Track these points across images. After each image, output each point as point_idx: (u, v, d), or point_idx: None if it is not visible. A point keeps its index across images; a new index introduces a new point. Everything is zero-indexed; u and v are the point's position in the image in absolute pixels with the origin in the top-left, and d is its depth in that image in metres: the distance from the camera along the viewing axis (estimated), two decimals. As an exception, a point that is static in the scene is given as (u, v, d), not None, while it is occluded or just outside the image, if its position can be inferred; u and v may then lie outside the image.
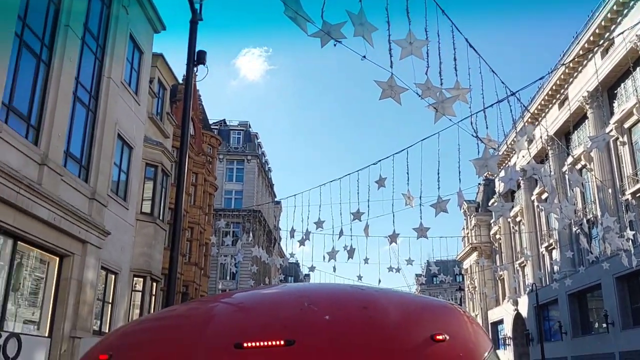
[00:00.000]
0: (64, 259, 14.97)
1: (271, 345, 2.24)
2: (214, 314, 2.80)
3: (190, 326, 2.68)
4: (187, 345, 2.46)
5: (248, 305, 2.81)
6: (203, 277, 36.49)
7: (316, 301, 2.60)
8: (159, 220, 21.24)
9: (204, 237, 36.36)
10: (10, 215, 12.20)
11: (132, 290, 19.56)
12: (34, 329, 14.11)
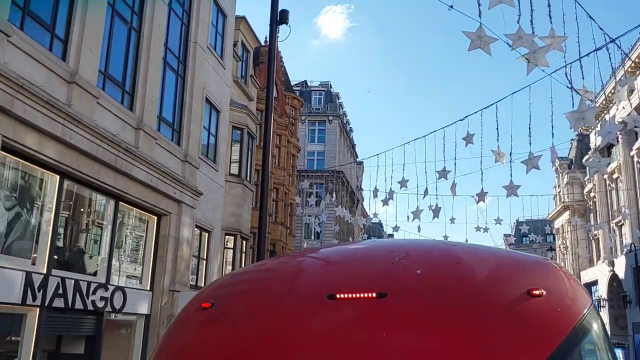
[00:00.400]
0: (161, 218, 15.90)
1: (363, 297, 2.28)
2: (308, 266, 2.89)
3: (284, 277, 2.79)
4: (282, 295, 2.57)
5: (339, 259, 2.87)
6: (289, 236, 37.52)
7: (407, 256, 2.60)
8: (246, 181, 21.92)
9: (289, 197, 37.20)
10: (111, 177, 13.05)
11: (224, 248, 20.49)
12: (136, 283, 15.19)
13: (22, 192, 11.39)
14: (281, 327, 2.36)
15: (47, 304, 11.11)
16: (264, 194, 9.28)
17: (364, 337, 2.17)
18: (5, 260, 10.28)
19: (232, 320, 2.50)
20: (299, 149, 42.65)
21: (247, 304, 2.58)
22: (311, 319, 2.32)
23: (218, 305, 2.59)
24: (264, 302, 2.52)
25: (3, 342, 11.84)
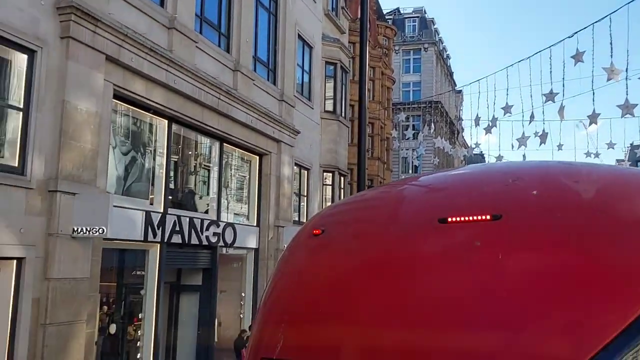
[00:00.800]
0: (262, 157, 16.41)
1: (477, 220, 2.20)
2: (416, 191, 2.84)
3: (394, 203, 2.76)
4: (392, 220, 2.55)
5: (449, 183, 2.79)
6: (386, 170, 37.44)
7: (521, 177, 2.47)
8: (342, 117, 21.91)
9: (385, 131, 36.84)
10: (214, 120, 13.55)
11: (322, 185, 20.88)
12: (244, 219, 15.97)
13: (135, 138, 12.16)
14: (392, 253, 2.36)
15: (166, 240, 12.00)
16: (361, 129, 9.23)
17: (478, 260, 2.12)
18: (127, 201, 11.14)
19: (344, 246, 2.54)
20: (394, 80, 41.69)
21: (357, 230, 2.60)
22: (422, 244, 2.30)
23: (329, 232, 2.63)
24: (374, 228, 2.52)
25: (130, 276, 13.04)
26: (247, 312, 15.68)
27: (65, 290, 8.90)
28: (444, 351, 1.98)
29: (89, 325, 9.53)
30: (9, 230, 8.17)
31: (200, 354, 13.62)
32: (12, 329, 8.28)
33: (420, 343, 2.05)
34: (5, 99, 8.61)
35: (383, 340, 2.17)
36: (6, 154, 8.60)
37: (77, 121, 9.26)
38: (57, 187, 8.81)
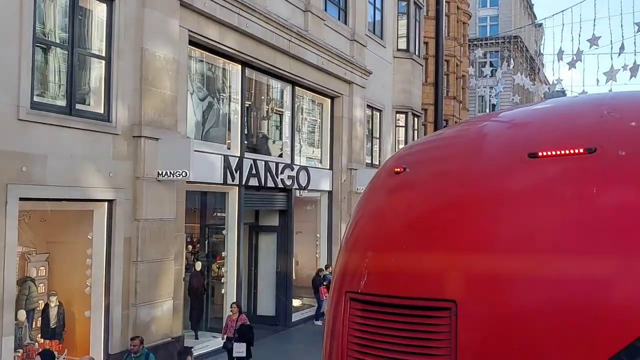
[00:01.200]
0: (334, 100, 16.32)
1: (569, 153, 2.11)
2: (502, 126, 2.74)
3: (478, 139, 2.68)
4: (477, 156, 2.48)
5: (537, 116, 2.67)
6: (462, 110, 36.33)
7: (618, 108, 2.33)
8: (415, 55, 21.26)
9: (461, 69, 35.51)
10: (286, 63, 13.54)
11: (395, 126, 20.58)
12: (317, 162, 16.12)
13: (211, 84, 12.40)
14: (477, 190, 2.31)
15: (244, 183, 12.36)
16: (438, 66, 8.93)
17: (570, 196, 2.05)
18: (206, 145, 11.50)
19: (427, 183, 2.52)
20: (470, 15, 39.72)
21: (440, 167, 2.56)
22: (511, 180, 2.24)
23: (411, 169, 2.60)
24: (458, 165, 2.47)
25: (211, 217, 13.63)
26: (322, 252, 16.08)
27: (153, 230, 9.44)
28: (535, 278, 1.97)
29: (176, 263, 10.12)
30: (100, 174, 8.68)
31: (280, 290, 14.20)
32: (107, 266, 8.94)
33: (509, 272, 2.04)
34: (88, 48, 8.96)
35: (467, 271, 2.16)
36: (92, 102, 9.03)
37: (156, 68, 9.53)
38: (141, 133, 9.21)
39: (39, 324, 9.20)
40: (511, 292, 2.04)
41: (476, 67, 32.99)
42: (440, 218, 2.37)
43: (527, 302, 2.00)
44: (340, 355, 2.50)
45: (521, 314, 2.00)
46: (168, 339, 9.78)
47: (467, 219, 2.27)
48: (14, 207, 7.44)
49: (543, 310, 1.95)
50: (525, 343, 1.95)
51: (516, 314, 2.01)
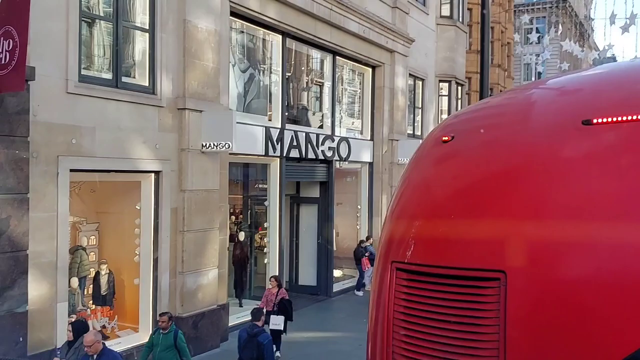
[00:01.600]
0: (375, 69, 16.10)
1: (626, 120, 2.03)
2: (554, 93, 2.65)
3: (528, 107, 2.61)
4: (527, 124, 2.42)
5: (591, 82, 2.57)
6: (507, 79, 35.34)
7: None
8: (459, 22, 20.69)
9: (506, 36, 34.41)
10: (327, 32, 13.39)
11: (438, 96, 20.20)
12: (357, 134, 16.03)
13: (252, 55, 12.40)
14: (528, 158, 2.26)
15: (285, 155, 12.43)
16: (484, 33, 8.66)
17: (627, 163, 1.98)
18: (248, 117, 11.57)
19: (476, 151, 2.47)
20: (515, -20, 38.32)
21: (489, 135, 2.50)
22: (564, 147, 2.17)
23: (458, 138, 2.56)
24: (508, 133, 2.42)
25: (253, 188, 13.80)
26: (363, 224, 16.10)
27: (198, 200, 9.63)
28: (590, 247, 1.93)
29: (221, 233, 10.33)
30: (146, 146, 8.87)
31: (321, 261, 14.35)
32: (155, 236, 9.20)
33: (561, 241, 2.00)
34: (132, 21, 9.07)
35: (517, 241, 2.13)
36: (137, 75, 9.18)
37: (198, 40, 9.59)
38: (185, 105, 9.33)
39: (90, 291, 9.59)
40: (563, 262, 2.00)
41: (522, 33, 31.88)
42: (490, 187, 2.32)
43: (580, 271, 1.96)
44: (386, 325, 2.52)
45: (574, 284, 1.96)
46: (214, 306, 10.05)
47: (517, 188, 2.22)
48: (65, 178, 7.70)
49: (597, 279, 1.91)
50: (578, 314, 1.92)
51: (568, 283, 1.98)
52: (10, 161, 6.80)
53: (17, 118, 6.87)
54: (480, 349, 2.14)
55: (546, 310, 2.00)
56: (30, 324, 7.13)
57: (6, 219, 6.78)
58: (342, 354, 9.67)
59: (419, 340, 2.34)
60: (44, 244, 7.41)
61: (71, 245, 8.71)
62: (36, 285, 7.29)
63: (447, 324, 2.25)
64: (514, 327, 2.07)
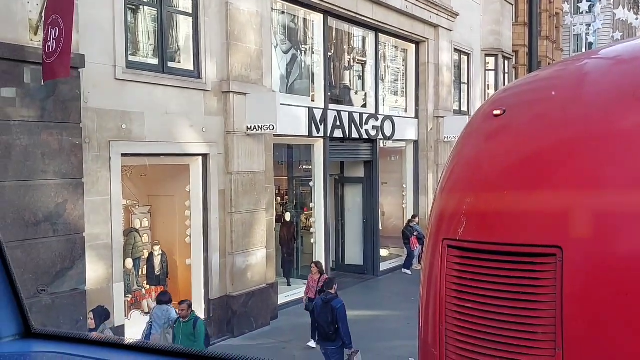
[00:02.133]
0: (419, 45, 15.82)
1: None
2: (608, 63, 2.54)
3: (583, 78, 2.51)
4: (583, 96, 2.33)
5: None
6: (556, 51, 34.13)
7: None
8: (505, -7, 20.04)
9: (554, 7, 33.14)
10: (369, 9, 13.20)
11: (484, 70, 19.71)
12: (401, 112, 15.83)
13: (293, 36, 12.37)
14: (582, 130, 2.18)
15: (329, 135, 12.42)
16: (532, 4, 8.35)
17: None
18: (291, 99, 11.60)
19: (527, 126, 2.40)
20: (565, -53, 36.69)
21: (541, 108, 2.43)
22: (620, 119, 2.09)
23: (510, 112, 2.49)
24: (561, 105, 2.33)
25: (298, 169, 13.88)
26: (409, 203, 15.98)
27: (244, 182, 9.77)
28: None
29: (268, 214, 10.46)
30: (193, 129, 9.03)
31: (367, 240, 14.36)
32: (204, 217, 9.40)
33: (620, 214, 1.94)
34: (176, 6, 9.18)
35: (573, 215, 2.07)
36: (182, 59, 9.31)
37: (240, 22, 9.63)
38: (230, 88, 9.42)
39: (144, 271, 9.92)
40: (624, 235, 1.94)
41: (571, 3, 30.63)
42: (544, 161, 2.26)
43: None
44: (438, 303, 2.50)
45: (634, 258, 1.90)
46: (263, 285, 10.24)
47: (574, 161, 2.15)
48: (117, 162, 7.93)
49: None
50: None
51: (629, 257, 1.91)
52: (65, 147, 7.05)
53: (70, 105, 7.10)
54: (537, 325, 2.11)
55: (606, 285, 1.94)
56: (89, 304, 7.44)
57: (63, 203, 7.04)
58: (390, 332, 9.70)
59: (472, 318, 2.32)
60: (99, 227, 7.69)
61: (125, 227, 9.00)
62: (93, 266, 7.59)
63: (501, 301, 2.21)
64: (572, 304, 2.02)
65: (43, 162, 6.77)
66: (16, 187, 6.52)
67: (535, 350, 2.10)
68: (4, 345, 1.01)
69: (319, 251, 12.33)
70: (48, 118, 6.82)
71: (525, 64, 24.47)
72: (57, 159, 6.95)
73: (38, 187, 6.73)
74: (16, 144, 6.52)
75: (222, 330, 9.61)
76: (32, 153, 6.67)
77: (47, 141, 6.81)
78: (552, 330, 2.05)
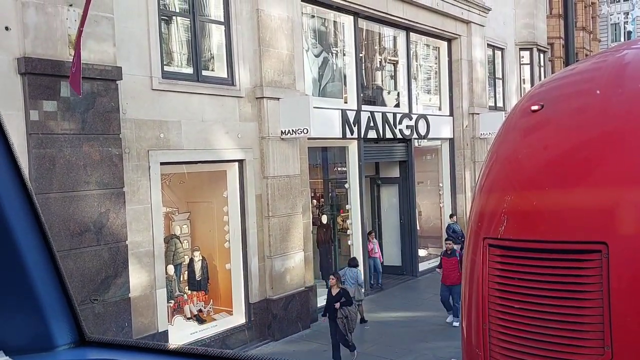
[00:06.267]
0: (451, 42, 15.64)
1: None
2: None
3: (623, 70, 2.44)
4: (624, 89, 2.27)
5: None
6: (593, 41, 33.26)
7: None
8: (539, -15, 19.66)
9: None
10: (399, 9, 13.14)
11: (519, 64, 19.36)
12: (436, 110, 15.68)
13: (324, 39, 12.40)
14: (625, 124, 2.12)
15: (363, 136, 12.39)
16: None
17: None
18: (324, 101, 11.63)
19: (567, 121, 2.35)
20: None
21: (581, 102, 2.37)
22: None
23: (548, 107, 2.44)
24: (602, 98, 2.28)
25: (333, 171, 13.87)
26: (446, 202, 15.80)
27: (281, 186, 9.84)
28: None
29: (304, 217, 10.51)
30: (229, 136, 9.15)
31: (405, 241, 14.26)
32: (242, 222, 9.50)
33: None
34: (208, 15, 9.32)
35: (619, 210, 2.02)
36: (216, 67, 9.45)
37: (272, 28, 9.71)
38: (263, 94, 9.51)
39: (185, 277, 10.07)
40: None
41: (609, -9, 29.79)
42: (586, 155, 2.21)
43: None
44: (482, 303, 2.47)
45: None
46: (302, 288, 10.28)
47: (616, 155, 2.10)
48: (156, 171, 8.10)
49: None
50: None
51: None
52: (105, 158, 7.24)
53: (109, 116, 7.29)
54: (584, 323, 2.06)
55: None
56: (134, 310, 7.61)
57: (105, 212, 7.23)
58: (431, 333, 9.61)
59: (516, 317, 2.28)
60: (140, 235, 7.86)
61: (165, 234, 9.16)
62: (136, 273, 7.76)
63: (546, 299, 2.17)
64: (619, 301, 1.97)
65: (85, 173, 6.97)
66: (61, 198, 6.73)
67: (583, 349, 2.06)
68: (61, 354, 1.05)
69: (357, 253, 12.30)
70: (89, 130, 7.02)
71: (561, 57, 23.93)
72: (98, 169, 7.14)
73: (81, 198, 6.93)
74: (59, 156, 6.73)
75: (262, 334, 9.69)
76: (75, 164, 6.87)
77: (88, 152, 7.01)
78: (600, 329, 2.01)
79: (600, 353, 2.00)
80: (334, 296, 8.85)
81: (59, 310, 1.07)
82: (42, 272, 1.05)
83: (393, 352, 9.06)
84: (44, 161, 6.60)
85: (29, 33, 6.52)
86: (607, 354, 1.98)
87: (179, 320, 9.23)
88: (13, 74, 6.46)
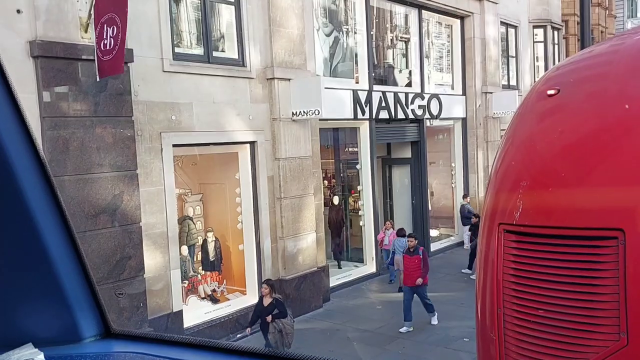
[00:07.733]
0: (464, 20, 15.43)
1: None
2: None
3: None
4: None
5: None
6: (608, 18, 32.63)
7: None
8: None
9: (607, -30, 31.62)
10: (411, -13, 12.96)
11: (533, 42, 19.07)
12: (448, 89, 15.53)
13: (335, 18, 12.26)
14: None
15: (374, 117, 12.33)
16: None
17: None
18: (335, 82, 11.55)
19: (585, 106, 2.31)
20: None
21: (600, 86, 2.33)
22: None
23: (565, 91, 2.40)
24: (622, 82, 2.24)
25: (344, 152, 13.86)
26: (458, 182, 15.74)
27: (292, 167, 9.85)
28: None
29: (316, 198, 10.53)
30: (240, 118, 9.14)
31: (417, 221, 14.26)
32: (254, 203, 9.55)
33: None
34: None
35: (636, 195, 2.00)
36: (226, 48, 9.41)
37: (282, 8, 9.63)
38: (274, 75, 9.47)
39: (199, 257, 10.17)
40: None
41: (626, -35, 29.09)
42: (602, 141, 2.18)
43: None
44: (496, 288, 2.47)
45: None
46: (314, 268, 10.35)
47: (633, 141, 2.07)
48: (168, 153, 8.13)
49: None
50: None
51: None
52: (118, 140, 7.28)
53: (121, 99, 7.31)
54: (599, 309, 2.06)
55: None
56: (148, 291, 7.72)
57: (119, 194, 7.30)
58: (443, 314, 9.65)
59: (531, 302, 2.28)
60: (154, 216, 7.93)
61: (179, 215, 9.23)
62: (150, 254, 7.85)
63: (561, 285, 2.16)
64: (635, 287, 1.96)
65: (99, 156, 7.02)
66: (75, 180, 6.79)
67: (598, 335, 2.06)
68: (87, 346, 1.07)
69: (368, 233, 12.33)
70: (101, 113, 7.05)
71: (575, 34, 23.52)
72: (111, 151, 7.18)
73: (95, 180, 6.99)
74: (72, 139, 6.78)
75: (276, 314, 9.79)
76: (88, 147, 6.92)
77: (101, 135, 7.05)
78: (616, 315, 2.00)
79: (616, 339, 2.00)
80: (266, 307, 7.72)
81: (85, 303, 1.09)
82: (68, 266, 1.07)
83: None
84: (58, 144, 6.65)
85: (40, 16, 6.52)
86: (622, 339, 1.98)
87: (193, 300, 9.35)
88: (25, 57, 6.48)
